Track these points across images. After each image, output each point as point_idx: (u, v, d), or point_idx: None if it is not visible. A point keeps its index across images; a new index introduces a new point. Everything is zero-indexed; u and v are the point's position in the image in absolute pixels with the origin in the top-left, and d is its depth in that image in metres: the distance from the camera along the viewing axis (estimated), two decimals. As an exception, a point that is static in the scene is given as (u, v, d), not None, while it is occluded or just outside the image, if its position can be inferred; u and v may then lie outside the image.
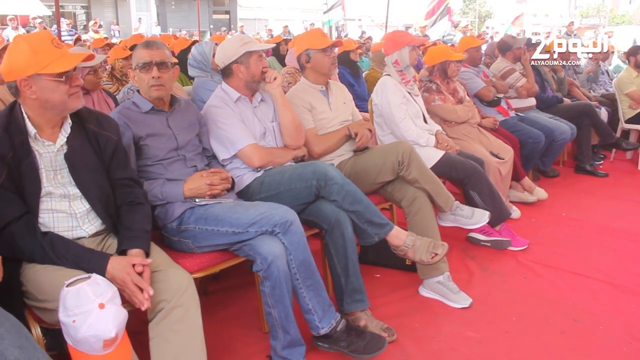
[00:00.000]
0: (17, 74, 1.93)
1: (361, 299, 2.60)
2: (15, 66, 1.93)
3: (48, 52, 1.93)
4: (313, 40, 3.21)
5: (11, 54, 1.97)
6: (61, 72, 1.92)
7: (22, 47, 1.94)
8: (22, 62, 1.92)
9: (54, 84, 1.93)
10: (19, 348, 1.50)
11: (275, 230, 2.24)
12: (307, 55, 3.21)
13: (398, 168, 2.97)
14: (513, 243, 3.63)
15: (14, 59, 1.94)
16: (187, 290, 1.98)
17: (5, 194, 1.90)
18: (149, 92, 2.49)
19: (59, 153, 2.04)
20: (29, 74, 1.91)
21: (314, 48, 3.18)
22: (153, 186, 2.40)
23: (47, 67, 1.91)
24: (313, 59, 3.19)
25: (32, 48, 1.92)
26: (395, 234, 2.65)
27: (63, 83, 1.94)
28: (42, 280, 1.88)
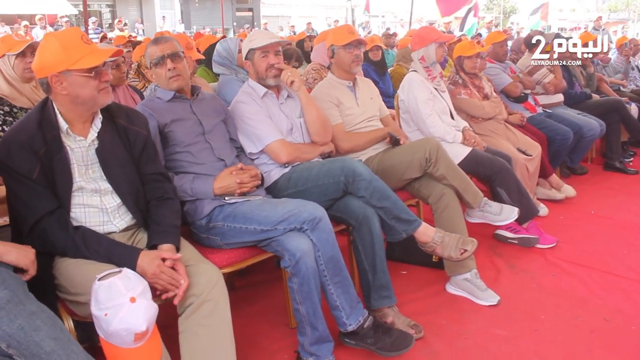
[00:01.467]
0: (48, 70, 1.96)
1: (388, 295, 2.60)
2: (46, 63, 1.96)
3: (78, 48, 1.95)
4: (337, 36, 3.21)
5: (42, 50, 2.00)
6: (90, 68, 1.95)
7: (52, 43, 1.97)
8: (52, 58, 1.95)
9: (84, 80, 1.96)
10: (54, 339, 1.53)
11: (303, 227, 2.24)
12: (331, 51, 3.23)
13: (425, 165, 2.95)
14: (541, 241, 3.58)
15: (45, 56, 1.98)
16: (216, 285, 1.99)
17: (38, 189, 1.93)
18: (168, 84, 2.53)
19: (90, 148, 2.07)
20: (59, 70, 1.94)
21: (337, 44, 3.18)
22: (183, 182, 2.42)
23: (76, 62, 1.93)
24: (336, 54, 3.21)
25: (62, 45, 1.95)
26: (423, 231, 2.63)
27: (92, 78, 1.96)
28: (75, 273, 1.91)
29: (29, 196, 1.92)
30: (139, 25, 21.49)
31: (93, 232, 2.01)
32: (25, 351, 1.49)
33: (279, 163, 2.73)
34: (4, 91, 2.93)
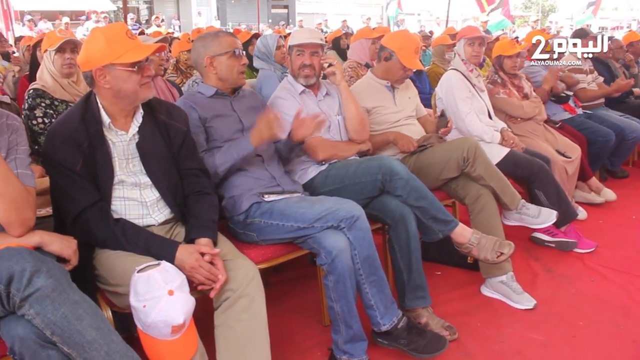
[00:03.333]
0: (92, 64, 1.99)
1: (423, 295, 2.57)
2: (91, 56, 2.00)
3: (122, 43, 1.98)
4: (404, 50, 3.14)
5: (88, 44, 2.04)
6: (134, 62, 1.98)
7: (98, 38, 2.01)
8: (97, 52, 1.98)
9: (127, 74, 1.98)
10: (96, 329, 1.55)
11: (340, 225, 2.23)
12: (389, 54, 3.17)
13: (463, 164, 2.92)
14: (580, 245, 3.50)
15: (90, 50, 2.01)
16: (253, 280, 2.00)
17: (81, 182, 1.97)
18: (237, 78, 2.57)
19: (131, 142, 2.10)
20: (103, 63, 1.97)
21: (399, 57, 3.13)
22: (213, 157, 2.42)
23: (120, 57, 1.96)
24: (392, 62, 3.17)
25: (107, 39, 1.98)
26: (459, 232, 2.60)
27: (135, 73, 1.99)
28: (115, 265, 1.94)
29: (71, 189, 1.96)
30: (175, 22, 21.79)
31: (133, 224, 2.04)
32: (68, 339, 1.52)
33: (316, 160, 2.73)
34: (48, 84, 3.01)
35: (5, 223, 1.73)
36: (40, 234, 1.75)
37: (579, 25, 13.07)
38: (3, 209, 1.71)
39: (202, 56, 2.55)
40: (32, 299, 1.49)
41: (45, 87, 3.00)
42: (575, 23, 18.25)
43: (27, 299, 1.49)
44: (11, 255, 1.52)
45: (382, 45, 3.24)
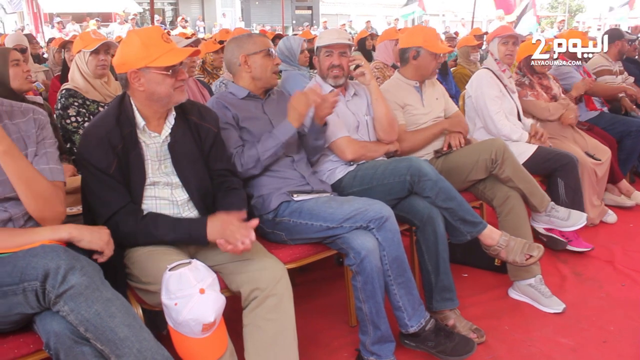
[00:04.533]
0: (128, 66, 2.01)
1: (451, 297, 2.56)
2: (126, 58, 2.02)
3: (157, 46, 2.00)
4: (429, 41, 3.14)
5: (124, 47, 2.06)
6: (168, 66, 1.99)
7: (134, 40, 2.03)
8: (133, 55, 2.00)
9: (161, 77, 2.00)
10: (128, 326, 1.57)
11: (369, 226, 2.23)
12: (416, 52, 3.16)
13: (491, 166, 2.89)
14: (574, 244, 3.46)
15: (126, 52, 2.03)
16: (281, 280, 2.01)
17: (114, 184, 1.99)
18: (270, 78, 2.59)
19: (164, 144, 2.12)
20: (138, 66, 1.99)
21: (426, 48, 3.12)
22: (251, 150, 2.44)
23: (155, 60, 1.98)
24: (422, 57, 3.15)
25: (143, 42, 2.00)
26: (488, 233, 2.58)
27: (169, 76, 2.01)
28: (146, 263, 1.96)
29: (104, 191, 1.99)
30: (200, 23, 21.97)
31: (161, 214, 2.06)
32: (101, 336, 1.54)
33: (344, 160, 2.73)
34: (79, 85, 3.06)
35: (39, 219, 1.81)
36: (68, 228, 1.76)
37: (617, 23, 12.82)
38: (36, 206, 1.79)
39: (237, 55, 2.57)
40: (66, 296, 1.52)
41: (76, 87, 3.05)
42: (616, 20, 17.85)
43: (62, 296, 1.52)
44: (46, 253, 1.55)
45: (404, 48, 3.22)
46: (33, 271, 1.51)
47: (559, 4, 33.43)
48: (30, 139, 1.90)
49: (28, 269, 1.52)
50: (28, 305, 1.56)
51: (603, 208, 3.98)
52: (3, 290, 1.55)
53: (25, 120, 1.92)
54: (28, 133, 1.90)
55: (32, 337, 1.68)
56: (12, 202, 1.82)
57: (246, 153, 2.41)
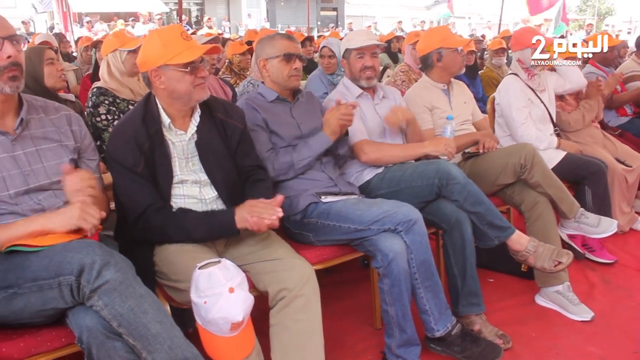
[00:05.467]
0: (149, 64, 2.04)
1: (477, 302, 2.54)
2: (148, 57, 2.05)
3: (176, 44, 2.02)
4: (445, 39, 3.14)
5: (145, 46, 2.09)
6: (186, 63, 2.01)
7: (154, 39, 2.06)
8: (153, 53, 2.03)
9: (180, 74, 2.02)
10: (159, 323, 1.60)
11: (398, 229, 2.23)
12: (438, 54, 3.14)
13: (520, 171, 2.86)
14: (598, 254, 3.40)
15: (147, 51, 2.07)
16: (309, 280, 2.02)
17: (142, 182, 2.02)
18: (287, 81, 2.57)
19: (190, 142, 2.14)
20: (158, 64, 2.02)
21: (447, 47, 3.12)
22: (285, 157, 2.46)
23: (174, 58, 2.00)
24: (445, 57, 3.13)
25: (162, 40, 2.03)
26: (516, 239, 2.55)
27: (188, 74, 2.02)
28: (176, 261, 1.98)
29: (133, 189, 2.02)
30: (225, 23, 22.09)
31: (188, 209, 2.07)
32: (133, 332, 1.56)
33: (361, 162, 2.74)
34: (109, 84, 3.10)
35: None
36: (39, 220, 1.74)
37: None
38: None
39: (257, 58, 2.60)
40: (101, 291, 1.55)
41: (107, 85, 3.09)
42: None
43: (96, 291, 1.55)
44: (82, 248, 1.58)
45: (425, 55, 3.21)
46: (69, 266, 1.54)
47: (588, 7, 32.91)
48: (63, 134, 1.96)
49: (64, 264, 1.55)
50: (62, 299, 1.59)
51: (633, 215, 3.91)
52: (39, 284, 1.58)
53: (58, 116, 1.98)
54: (62, 129, 1.96)
55: (65, 331, 1.71)
56: (46, 193, 1.85)
57: (280, 159, 2.43)
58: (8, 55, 1.71)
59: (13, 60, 1.72)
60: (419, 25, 18.22)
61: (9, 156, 1.80)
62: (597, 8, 31.12)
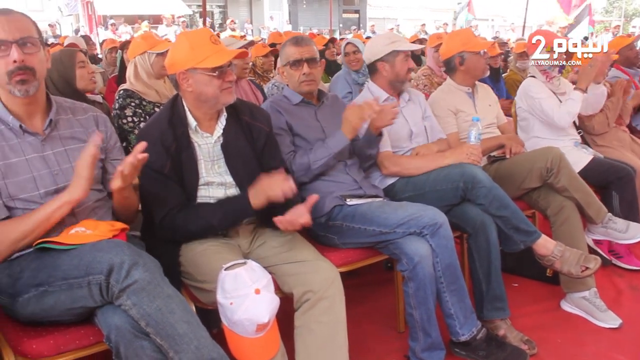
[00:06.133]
0: (177, 67, 2.06)
1: (502, 307, 2.52)
2: (176, 60, 2.07)
3: (205, 48, 2.03)
4: (467, 42, 3.12)
5: (174, 48, 2.12)
6: (215, 67, 2.02)
7: (183, 42, 2.08)
8: (182, 56, 2.05)
9: (208, 78, 2.03)
10: (187, 323, 1.61)
11: (423, 232, 2.22)
12: (461, 58, 3.13)
13: (546, 175, 2.83)
14: (626, 260, 3.33)
15: (175, 53, 2.09)
16: (333, 283, 2.02)
17: (169, 184, 2.04)
18: (299, 87, 2.57)
19: (216, 144, 2.15)
20: (186, 67, 2.04)
21: (469, 50, 3.10)
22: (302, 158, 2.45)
23: (202, 61, 2.01)
24: (468, 61, 3.11)
25: (191, 44, 2.04)
26: (542, 243, 2.52)
27: (216, 78, 2.03)
28: (202, 262, 2.00)
29: (160, 191, 2.04)
30: (248, 26, 22.24)
31: (205, 202, 2.10)
32: (161, 331, 1.57)
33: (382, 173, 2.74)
34: (136, 86, 3.13)
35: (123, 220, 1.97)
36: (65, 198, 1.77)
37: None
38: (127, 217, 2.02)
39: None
40: (129, 290, 1.56)
41: (134, 88, 3.13)
42: None
43: (125, 290, 1.56)
44: (111, 248, 1.60)
45: (447, 59, 3.19)
46: (98, 265, 1.56)
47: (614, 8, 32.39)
48: (91, 134, 1.97)
49: (93, 263, 1.57)
50: (92, 298, 1.61)
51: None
52: (69, 283, 1.61)
53: (86, 117, 2.01)
54: (89, 129, 1.99)
55: (93, 329, 1.73)
56: None
57: (297, 161, 2.43)
58: (14, 60, 1.72)
59: (20, 64, 1.72)
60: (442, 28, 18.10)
61: (39, 156, 1.83)
62: (624, 9, 30.59)
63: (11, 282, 1.72)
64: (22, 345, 1.69)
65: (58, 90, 2.68)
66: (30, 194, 1.79)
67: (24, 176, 1.79)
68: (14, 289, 1.71)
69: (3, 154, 1.78)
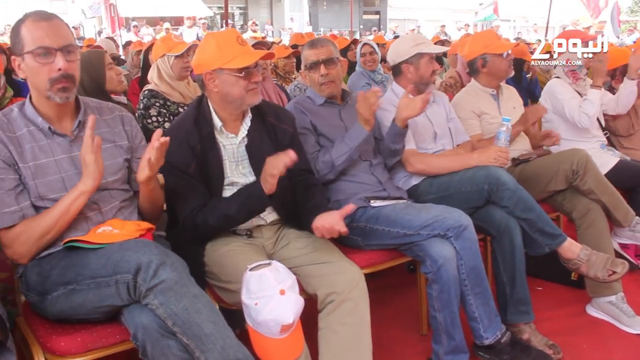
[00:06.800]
0: (204, 67, 2.07)
1: (526, 310, 2.49)
2: (203, 60, 2.08)
3: (232, 49, 2.04)
4: (490, 44, 3.09)
5: (201, 49, 2.13)
6: (241, 68, 2.02)
7: (210, 43, 2.09)
8: (208, 57, 2.06)
9: (234, 79, 2.04)
10: (213, 323, 1.62)
11: (447, 234, 2.21)
12: (483, 60, 3.10)
13: (572, 177, 2.79)
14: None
15: (202, 54, 2.10)
16: (358, 284, 2.02)
17: (193, 183, 2.06)
18: (320, 90, 2.59)
19: (241, 145, 2.16)
20: (213, 68, 2.05)
21: (491, 52, 3.07)
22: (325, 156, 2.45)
23: (229, 62, 2.02)
24: (490, 63, 3.09)
25: (218, 44, 2.05)
26: (568, 246, 2.49)
27: (242, 78, 2.04)
28: (227, 262, 2.01)
29: (184, 190, 2.05)
30: (268, 27, 22.33)
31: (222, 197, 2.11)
32: (187, 331, 1.58)
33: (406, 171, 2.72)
34: (160, 87, 3.16)
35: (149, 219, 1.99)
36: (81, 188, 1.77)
37: None
38: (153, 215, 2.04)
39: None
40: (157, 289, 1.58)
41: (158, 88, 3.16)
42: None
43: (153, 290, 1.58)
44: (139, 247, 1.62)
45: (470, 60, 3.17)
46: (126, 264, 1.58)
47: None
48: (117, 134, 2.01)
49: (121, 262, 1.59)
50: (119, 297, 1.63)
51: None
52: (97, 282, 1.63)
53: (112, 117, 2.03)
54: (115, 129, 2.01)
55: (119, 328, 1.75)
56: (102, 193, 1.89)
57: (321, 159, 2.43)
58: (59, 68, 1.74)
59: (64, 72, 1.75)
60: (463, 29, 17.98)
61: (68, 157, 1.85)
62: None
63: (40, 280, 1.75)
64: (51, 342, 1.71)
65: (85, 90, 2.71)
66: (59, 195, 1.80)
67: (53, 177, 1.82)
68: (43, 287, 1.74)
69: (33, 154, 1.80)
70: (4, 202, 1.76)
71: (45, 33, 1.73)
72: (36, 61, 1.73)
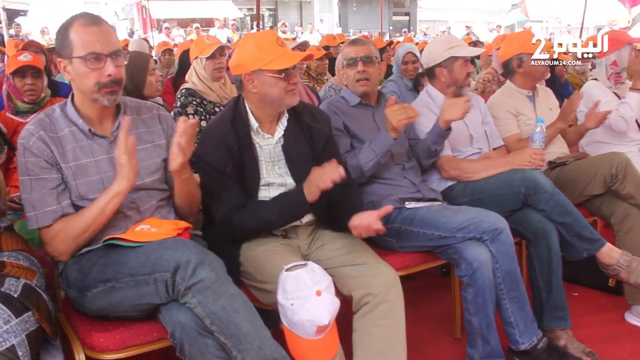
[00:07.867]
0: (243, 68, 2.08)
1: (563, 316, 2.44)
2: (242, 61, 2.09)
3: (271, 50, 2.05)
4: (525, 44, 3.05)
5: (240, 49, 2.14)
6: (281, 69, 2.03)
7: (249, 44, 2.09)
8: (248, 57, 2.06)
9: (274, 80, 2.04)
10: (250, 323, 1.62)
11: (483, 237, 2.19)
12: (519, 60, 3.06)
13: (611, 181, 2.73)
14: None
15: (241, 55, 2.11)
16: (393, 286, 2.01)
17: (230, 183, 2.07)
18: (355, 87, 2.59)
19: (277, 145, 2.17)
20: (252, 69, 2.05)
21: (527, 52, 3.03)
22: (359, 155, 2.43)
23: (269, 63, 2.02)
24: (526, 63, 3.04)
25: (257, 45, 2.06)
26: (607, 252, 2.44)
27: (282, 80, 2.04)
28: (263, 262, 2.01)
29: (221, 190, 2.07)
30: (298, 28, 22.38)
31: (260, 200, 2.11)
32: (225, 330, 1.59)
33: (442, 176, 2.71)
34: (198, 87, 3.21)
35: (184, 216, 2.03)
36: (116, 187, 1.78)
37: None
38: (190, 212, 2.07)
39: None
40: (195, 288, 1.59)
41: (196, 88, 3.20)
42: None
43: (191, 288, 1.59)
44: (178, 246, 1.63)
45: (506, 61, 3.13)
46: (165, 263, 1.60)
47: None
48: (155, 133, 2.02)
49: (160, 261, 1.61)
50: (157, 295, 1.64)
51: None
52: (136, 280, 1.65)
53: (150, 116, 2.05)
54: (153, 128, 2.03)
55: (157, 326, 1.77)
56: (140, 193, 1.92)
57: (349, 163, 2.42)
58: (109, 74, 1.77)
59: (113, 78, 1.78)
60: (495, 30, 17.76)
61: (107, 158, 1.88)
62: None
63: (80, 277, 1.78)
64: (90, 338, 1.74)
65: (124, 90, 2.75)
66: (98, 195, 1.83)
67: (93, 177, 1.85)
68: (83, 284, 1.77)
69: (74, 154, 1.84)
70: (45, 201, 1.79)
71: (96, 38, 1.75)
72: (87, 66, 1.76)
